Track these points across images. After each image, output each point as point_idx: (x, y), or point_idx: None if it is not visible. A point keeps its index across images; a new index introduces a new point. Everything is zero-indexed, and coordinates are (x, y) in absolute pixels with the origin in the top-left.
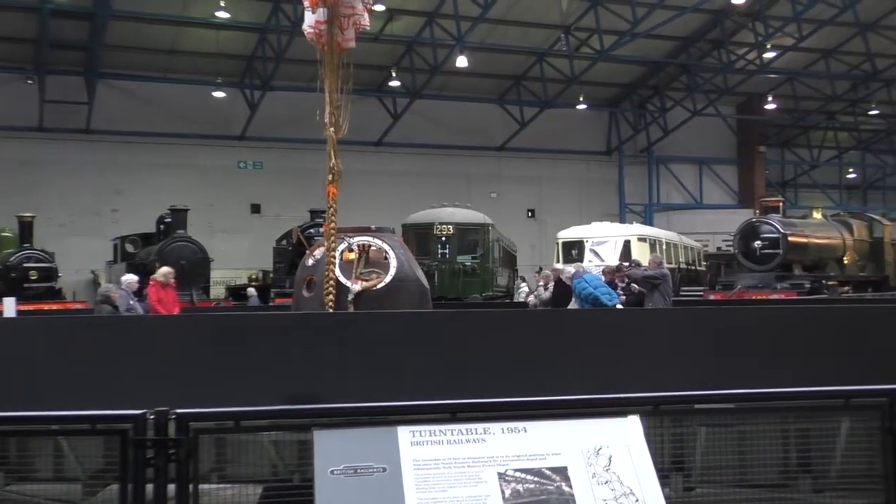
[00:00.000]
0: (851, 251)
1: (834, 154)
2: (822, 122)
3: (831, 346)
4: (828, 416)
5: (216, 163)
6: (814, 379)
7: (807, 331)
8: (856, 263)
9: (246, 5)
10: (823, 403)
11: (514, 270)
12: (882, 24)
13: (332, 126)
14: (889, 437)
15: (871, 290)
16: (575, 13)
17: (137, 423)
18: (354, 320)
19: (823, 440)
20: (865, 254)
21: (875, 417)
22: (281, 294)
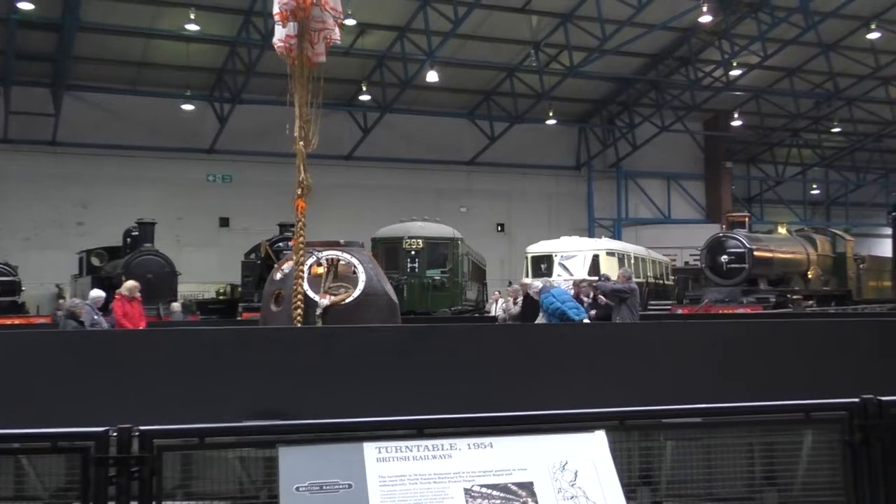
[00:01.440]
0: (815, 266)
1: (798, 170)
2: (787, 138)
3: (796, 359)
4: (791, 430)
5: (185, 176)
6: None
7: (771, 344)
8: (819, 278)
9: (216, 18)
10: (786, 417)
11: (484, 284)
12: (843, 45)
13: (302, 140)
14: (849, 450)
15: (835, 304)
16: (545, 29)
17: (99, 441)
18: (322, 335)
19: (788, 453)
20: (828, 268)
21: (836, 430)
22: (249, 308)
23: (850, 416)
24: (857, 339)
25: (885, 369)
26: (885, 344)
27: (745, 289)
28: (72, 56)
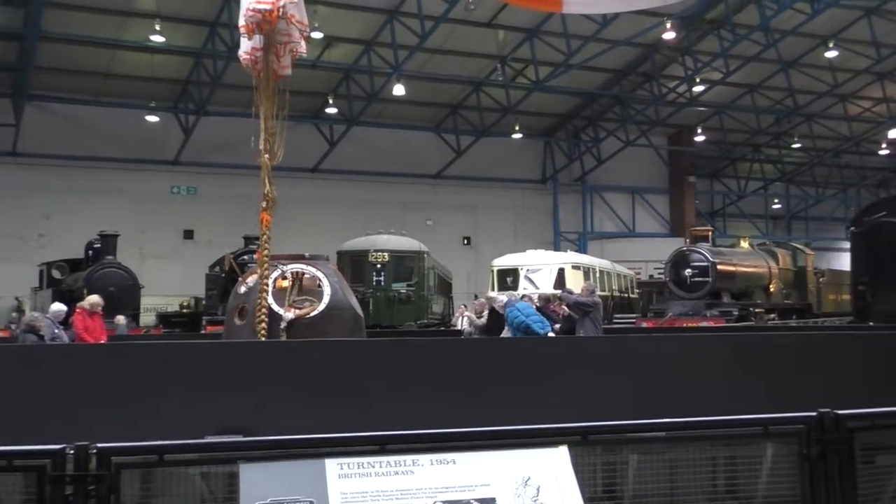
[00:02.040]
0: (777, 279)
1: (760, 185)
2: (749, 154)
3: (757, 372)
4: (752, 443)
5: (149, 188)
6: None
7: (734, 358)
8: (781, 291)
9: (182, 30)
10: (746, 431)
11: (450, 298)
12: (802, 62)
13: (267, 153)
14: (807, 463)
15: (796, 317)
16: (511, 44)
17: (56, 459)
18: (287, 349)
19: (749, 467)
20: (790, 282)
21: (794, 444)
22: (213, 322)
23: (808, 429)
24: (817, 353)
25: (844, 382)
26: (843, 357)
27: (709, 302)
28: (34, 66)
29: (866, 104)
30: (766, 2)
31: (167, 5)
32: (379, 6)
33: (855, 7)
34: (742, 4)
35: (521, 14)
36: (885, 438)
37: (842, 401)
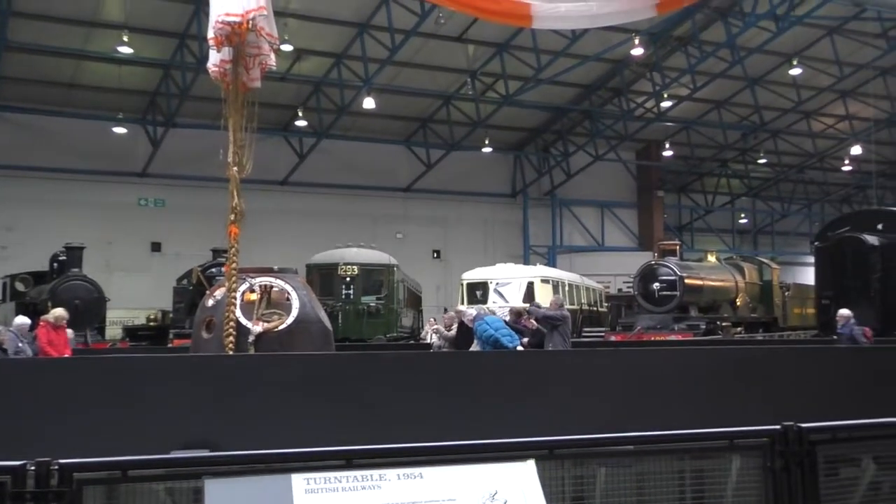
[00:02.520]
0: (743, 293)
1: (727, 200)
2: (716, 169)
3: (724, 385)
4: (718, 456)
5: (116, 200)
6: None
7: (702, 371)
8: (747, 305)
9: (150, 41)
10: (712, 445)
11: (419, 311)
12: (767, 80)
13: (236, 165)
14: (770, 476)
15: (762, 330)
16: (481, 58)
17: (16, 475)
18: (254, 363)
19: (716, 479)
20: (756, 296)
21: (759, 456)
22: (180, 335)
23: (772, 442)
24: (782, 366)
25: (809, 395)
26: (808, 371)
27: (677, 316)
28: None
29: (829, 121)
30: (731, 19)
31: (135, 16)
32: (349, 19)
33: (818, 26)
34: (708, 22)
35: (491, 28)
36: (848, 451)
37: (808, 413)
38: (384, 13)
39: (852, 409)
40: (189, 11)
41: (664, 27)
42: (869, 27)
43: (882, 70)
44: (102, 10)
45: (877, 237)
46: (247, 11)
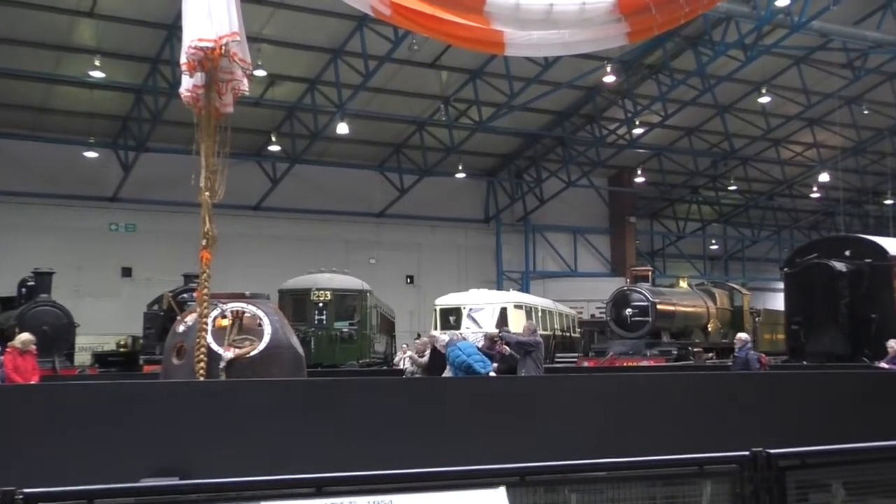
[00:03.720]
0: (715, 319)
1: (698, 226)
2: (687, 195)
3: (696, 411)
4: (690, 482)
5: (86, 225)
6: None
7: (674, 397)
8: (719, 331)
9: (122, 65)
10: (682, 471)
11: (393, 337)
12: (737, 108)
13: (208, 191)
14: (741, 502)
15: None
16: (454, 85)
17: None
18: (225, 389)
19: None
20: (727, 321)
21: (728, 482)
22: (150, 361)
23: (741, 468)
24: (753, 392)
25: (779, 421)
26: (778, 396)
27: (649, 341)
28: None
29: (798, 149)
30: (701, 48)
31: (108, 41)
32: (323, 45)
33: (785, 55)
34: (679, 50)
35: (465, 55)
36: (818, 476)
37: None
38: (358, 39)
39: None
40: (162, 36)
41: (636, 55)
42: (835, 57)
43: (848, 99)
44: (74, 35)
45: (844, 263)
46: (220, 37)
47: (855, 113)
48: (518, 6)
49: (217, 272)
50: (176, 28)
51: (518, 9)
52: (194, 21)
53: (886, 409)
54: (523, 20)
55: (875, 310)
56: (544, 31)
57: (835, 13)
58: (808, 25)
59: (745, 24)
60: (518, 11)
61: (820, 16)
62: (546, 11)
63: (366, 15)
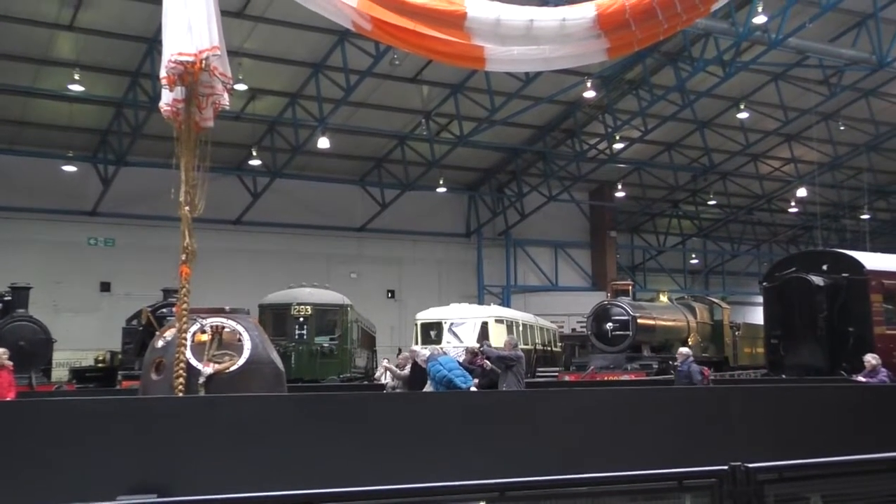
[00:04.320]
0: (695, 333)
1: (678, 240)
2: (667, 209)
3: (676, 425)
4: (670, 497)
5: (64, 239)
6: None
7: (654, 411)
8: (699, 345)
9: (102, 79)
10: (662, 486)
11: (374, 351)
12: (716, 123)
13: (188, 205)
14: None
15: (713, 370)
16: (435, 99)
17: None
18: (204, 405)
19: None
20: (707, 335)
21: (707, 497)
22: (129, 377)
23: (720, 482)
24: (733, 406)
25: (759, 435)
26: (757, 410)
27: (630, 355)
28: None
29: (776, 164)
30: (681, 64)
31: (87, 54)
32: (304, 59)
33: (763, 72)
34: (659, 66)
35: (446, 70)
36: (796, 490)
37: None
38: (339, 54)
39: (801, 448)
40: (142, 50)
41: (616, 71)
42: (811, 74)
43: (824, 115)
44: (53, 48)
45: (822, 278)
46: (200, 51)
47: (832, 129)
48: (499, 22)
49: (197, 287)
50: (156, 42)
51: (498, 24)
52: (175, 35)
53: (864, 423)
54: (504, 36)
55: (852, 323)
56: (525, 46)
57: (811, 31)
58: (786, 42)
59: (723, 41)
60: (498, 27)
61: (796, 33)
62: (526, 27)
63: (347, 30)
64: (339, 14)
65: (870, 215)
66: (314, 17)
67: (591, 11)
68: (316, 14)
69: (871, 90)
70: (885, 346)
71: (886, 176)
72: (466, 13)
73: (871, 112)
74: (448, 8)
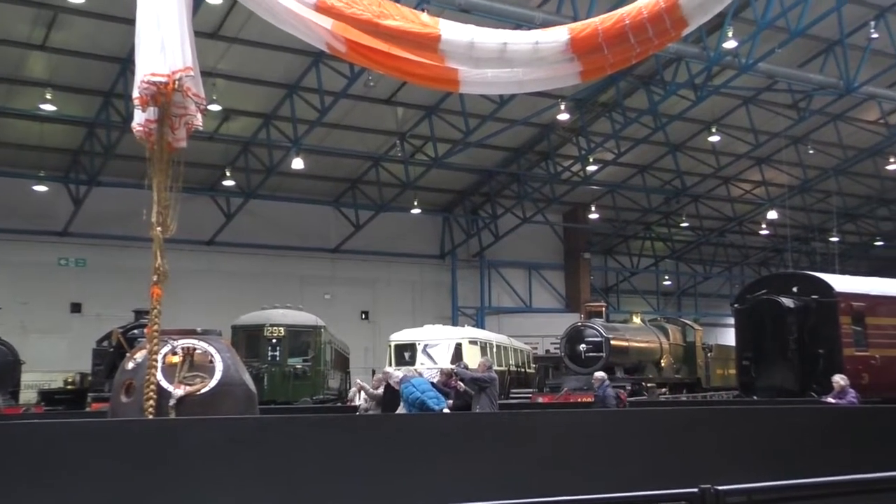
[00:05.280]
0: (668, 354)
1: (651, 262)
2: (641, 232)
3: (651, 446)
4: None
5: (34, 259)
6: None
7: (627, 433)
8: (672, 366)
9: (74, 98)
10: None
11: (347, 373)
12: (688, 146)
13: (160, 226)
14: None
15: (686, 391)
16: (410, 121)
17: None
18: (174, 427)
19: None
20: (680, 357)
21: None
22: (99, 399)
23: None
24: (705, 427)
25: (730, 456)
26: (729, 432)
27: None
28: None
29: (747, 186)
30: (653, 87)
31: (60, 74)
32: (279, 80)
33: (734, 96)
34: (632, 89)
35: (420, 92)
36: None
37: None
38: (314, 75)
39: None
40: (115, 70)
41: (589, 93)
42: (781, 98)
43: (794, 139)
44: (25, 67)
45: (792, 300)
46: (173, 72)
47: (801, 152)
48: (472, 44)
49: (169, 308)
50: (130, 62)
51: (472, 47)
52: (148, 55)
53: (833, 445)
54: (477, 58)
55: (822, 345)
56: (498, 69)
57: (780, 56)
58: (755, 67)
59: (695, 65)
60: (472, 50)
61: (766, 58)
62: (500, 50)
63: (322, 51)
64: (313, 36)
65: (839, 238)
66: (289, 38)
67: (565, 35)
68: (290, 35)
69: (839, 115)
70: (853, 368)
71: (854, 199)
72: (440, 36)
73: (840, 136)
74: (422, 30)
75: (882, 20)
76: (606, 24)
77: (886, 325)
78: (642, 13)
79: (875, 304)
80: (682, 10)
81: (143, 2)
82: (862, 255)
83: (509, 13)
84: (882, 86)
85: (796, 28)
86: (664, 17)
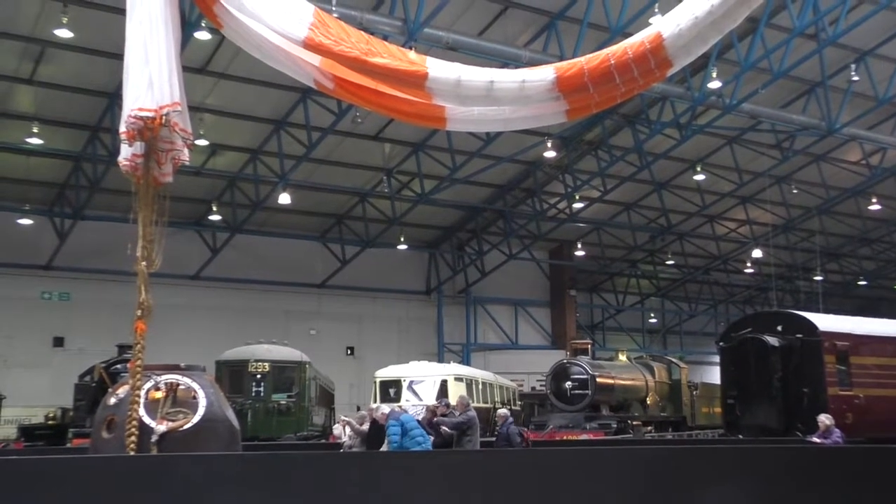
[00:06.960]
0: (653, 392)
1: (637, 300)
2: (626, 269)
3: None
4: None
5: (17, 293)
6: None
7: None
8: (657, 404)
9: (61, 132)
10: None
11: (332, 409)
12: (673, 184)
13: (144, 260)
14: None
15: (671, 429)
16: (397, 157)
17: None
18: (156, 464)
19: None
20: (665, 395)
21: None
22: (80, 434)
23: None
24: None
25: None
26: (714, 471)
27: (588, 415)
28: None
29: (732, 225)
30: (639, 126)
31: (46, 108)
32: (266, 116)
33: (718, 135)
34: (617, 128)
35: (407, 129)
36: None
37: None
38: (301, 111)
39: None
40: (102, 104)
41: (575, 131)
42: (765, 138)
43: (777, 178)
44: (12, 101)
45: (777, 338)
46: (161, 106)
47: (784, 192)
48: (459, 82)
49: (153, 343)
50: (117, 96)
51: (459, 85)
52: (135, 90)
53: (817, 484)
54: (464, 96)
55: (806, 384)
56: (485, 107)
57: (763, 96)
58: (739, 107)
59: (679, 105)
60: (459, 88)
61: (750, 98)
62: (487, 88)
63: (309, 87)
64: (301, 72)
65: (822, 277)
66: (277, 74)
67: (551, 74)
68: (278, 71)
69: (822, 155)
70: (838, 407)
71: (837, 239)
72: (428, 73)
73: (822, 176)
74: (409, 68)
75: (862, 63)
76: (592, 64)
77: (870, 364)
78: (627, 53)
79: (859, 344)
80: (666, 50)
81: (132, 37)
82: (845, 293)
83: (496, 52)
84: (863, 127)
85: (779, 69)
86: (649, 57)
